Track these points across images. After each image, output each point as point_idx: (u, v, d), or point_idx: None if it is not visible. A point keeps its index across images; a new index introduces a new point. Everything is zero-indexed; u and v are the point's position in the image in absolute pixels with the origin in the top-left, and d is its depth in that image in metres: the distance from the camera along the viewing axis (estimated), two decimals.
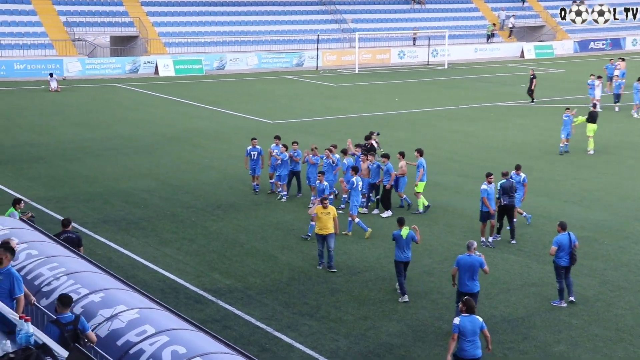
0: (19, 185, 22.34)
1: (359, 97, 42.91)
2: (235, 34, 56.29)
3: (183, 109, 37.44)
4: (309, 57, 56.66)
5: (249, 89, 44.91)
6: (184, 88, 44.69)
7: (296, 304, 14.77)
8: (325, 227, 16.30)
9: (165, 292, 15.01)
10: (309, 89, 46.25)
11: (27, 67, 46.50)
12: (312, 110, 37.93)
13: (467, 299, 11.53)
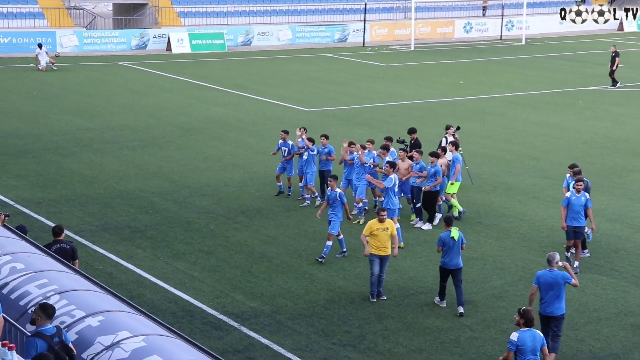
0: (1, 185, 22.76)
1: (414, 80, 42.81)
2: (265, 2, 56.57)
3: (201, 93, 37.77)
4: (354, 31, 56.68)
5: (281, 70, 45.12)
6: (202, 68, 45.08)
7: (336, 332, 14.79)
8: (384, 246, 15.97)
9: (177, 315, 15.16)
10: (353, 69, 46.29)
11: (12, 41, 47.37)
12: (356, 96, 37.95)
13: (525, 309, 11.75)
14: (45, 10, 49.73)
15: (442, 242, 15.60)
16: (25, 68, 42.96)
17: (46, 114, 32.16)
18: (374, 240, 16.02)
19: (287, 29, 55.15)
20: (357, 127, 30.85)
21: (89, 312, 10.04)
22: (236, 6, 55.42)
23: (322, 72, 44.86)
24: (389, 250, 16.07)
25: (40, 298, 10.42)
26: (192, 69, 44.53)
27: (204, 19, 54.06)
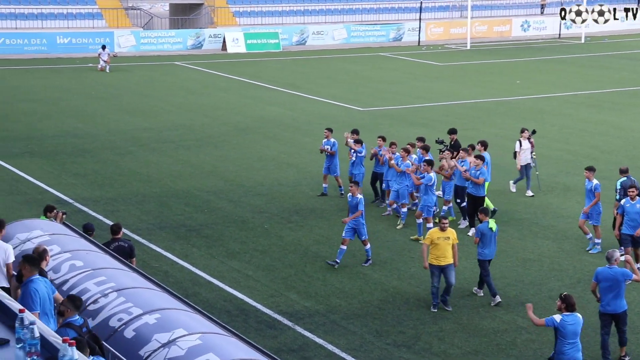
0: (61, 183, 23.14)
1: (470, 79, 42.49)
2: (320, 2, 56.64)
3: (255, 92, 37.97)
4: (409, 30, 56.46)
5: (336, 69, 45.14)
6: (257, 67, 45.32)
7: (390, 333, 14.75)
8: (444, 255, 15.53)
9: (232, 314, 15.26)
10: (408, 68, 46.11)
11: (71, 42, 48.13)
12: (411, 95, 37.80)
13: (566, 294, 12.16)
14: (104, 11, 50.47)
15: (480, 233, 15.79)
16: (83, 68, 43.64)
17: (104, 114, 32.62)
18: (434, 250, 15.51)
19: (342, 28, 55.14)
20: (411, 127, 30.71)
21: (146, 309, 10.16)
22: (291, 5, 55.59)
23: (377, 71, 44.77)
24: (449, 259, 15.55)
25: (98, 295, 10.58)
26: (247, 68, 44.80)
27: (259, 18, 54.34)
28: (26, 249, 12.33)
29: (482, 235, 15.84)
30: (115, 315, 10.12)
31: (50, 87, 37.93)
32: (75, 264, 11.61)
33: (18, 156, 25.79)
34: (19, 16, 48.06)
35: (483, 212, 16.18)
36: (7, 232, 12.48)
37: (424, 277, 17.28)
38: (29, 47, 46.91)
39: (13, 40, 46.81)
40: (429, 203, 19.10)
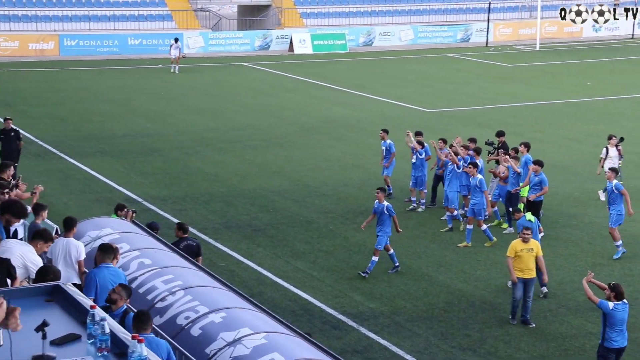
0: (130, 182, 23.52)
1: (539, 81, 41.92)
2: (387, 3, 56.50)
3: (321, 93, 38.06)
4: (477, 31, 55.96)
5: (402, 70, 44.98)
6: (324, 68, 45.41)
7: (455, 336, 14.65)
8: (528, 268, 14.93)
9: (296, 314, 15.33)
10: (476, 69, 45.70)
11: (142, 43, 48.87)
12: (479, 96, 37.46)
13: (615, 284, 12.64)
14: (174, 13, 51.15)
15: (522, 227, 15.68)
16: (153, 69, 44.29)
17: (172, 114, 33.05)
18: (518, 262, 14.94)
19: (409, 29, 54.93)
20: (477, 128, 30.42)
21: (212, 308, 10.27)
22: (358, 6, 55.57)
23: (444, 72, 44.48)
24: (534, 273, 14.99)
25: (166, 293, 10.73)
26: (313, 69, 44.93)
27: (326, 19, 54.42)
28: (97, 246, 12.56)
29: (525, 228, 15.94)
30: (182, 313, 10.25)
31: (121, 87, 38.59)
32: (144, 261, 11.80)
33: (90, 155, 26.30)
34: (92, 18, 49.02)
35: (516, 211, 16.90)
36: (78, 230, 12.74)
37: (490, 279, 17.12)
38: (102, 49, 47.82)
39: (86, 41, 47.76)
40: (479, 204, 18.77)
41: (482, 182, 18.88)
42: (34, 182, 20.40)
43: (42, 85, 38.55)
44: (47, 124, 30.57)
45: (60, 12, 48.47)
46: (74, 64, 44.69)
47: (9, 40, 46.17)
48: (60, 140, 28.01)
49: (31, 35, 46.74)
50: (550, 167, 23.22)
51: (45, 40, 46.77)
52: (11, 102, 34.03)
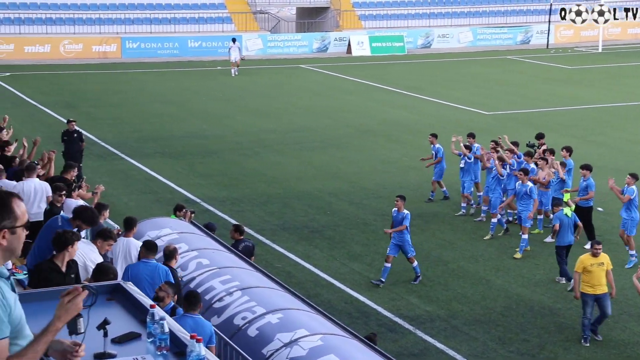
0: (189, 183, 23.77)
1: (601, 83, 41.28)
2: (446, 4, 56.20)
3: (379, 95, 38.01)
4: (537, 33, 55.37)
5: (461, 72, 44.69)
6: (382, 70, 45.34)
7: (513, 341, 14.50)
8: (599, 283, 14.36)
9: (352, 316, 15.33)
10: (536, 72, 45.19)
11: (201, 45, 49.38)
12: (538, 99, 37.04)
13: None
14: (233, 15, 51.56)
15: (559, 220, 16.62)
16: (212, 71, 44.71)
17: (230, 115, 33.32)
18: (588, 278, 14.35)
19: (468, 30, 54.55)
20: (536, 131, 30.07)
21: (269, 309, 10.33)
22: (417, 8, 55.37)
23: (503, 74, 44.06)
24: (605, 288, 14.39)
25: (223, 294, 10.83)
26: (371, 71, 44.89)
27: (384, 21, 54.34)
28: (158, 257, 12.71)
29: (561, 222, 16.64)
30: (240, 313, 10.34)
31: (180, 89, 39.03)
32: (202, 262, 11.92)
33: (150, 156, 26.65)
34: (154, 21, 49.68)
35: (555, 205, 17.42)
36: (138, 230, 12.93)
37: (550, 284, 16.92)
38: (162, 51, 48.44)
39: (147, 44, 48.43)
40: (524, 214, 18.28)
41: (532, 190, 18.48)
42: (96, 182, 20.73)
43: (104, 87, 39.19)
44: (109, 125, 31.07)
45: (123, 15, 49.23)
46: (135, 66, 45.35)
47: (73, 42, 47.04)
48: (122, 141, 28.44)
49: (94, 38, 47.57)
50: (612, 171, 22.91)
51: (108, 43, 47.55)
52: (75, 104, 34.67)
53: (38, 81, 40.09)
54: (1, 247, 4.33)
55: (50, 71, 42.97)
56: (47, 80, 40.39)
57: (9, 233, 4.33)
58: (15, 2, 47.77)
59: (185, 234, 13.29)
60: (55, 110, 33.07)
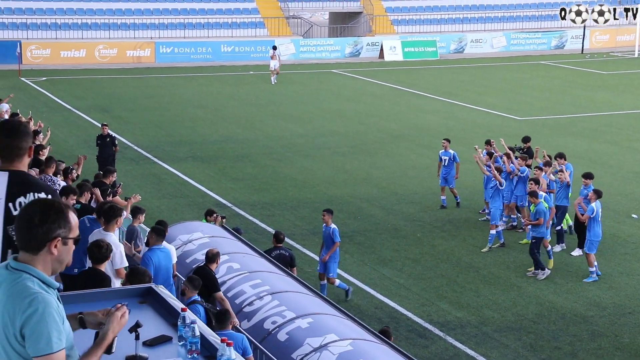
0: (221, 187, 23.91)
1: (637, 89, 40.92)
2: (479, 9, 56.00)
3: (411, 100, 37.96)
4: (572, 37, 55.00)
5: (494, 78, 44.50)
6: (414, 75, 45.28)
7: (545, 348, 14.43)
8: None
9: (382, 321, 15.33)
10: (570, 77, 44.87)
11: (234, 50, 49.64)
12: (572, 105, 36.78)
13: None
14: (266, 20, 51.78)
15: (543, 214, 17.12)
16: (244, 76, 44.90)
17: (262, 120, 33.46)
18: None
19: (502, 35, 54.30)
20: (570, 137, 29.90)
21: (299, 313, 10.38)
22: (450, 13, 55.23)
23: (537, 80, 43.81)
24: None
25: (253, 298, 10.91)
26: (403, 76, 44.85)
27: (417, 26, 54.26)
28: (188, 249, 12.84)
29: (544, 215, 17.17)
30: (270, 317, 10.40)
31: (213, 94, 39.26)
32: (232, 266, 12.01)
33: (183, 160, 26.85)
34: (187, 26, 50.04)
35: (532, 195, 17.36)
36: (170, 234, 13.05)
37: (582, 292, 16.81)
38: (195, 56, 48.78)
39: (181, 49, 48.80)
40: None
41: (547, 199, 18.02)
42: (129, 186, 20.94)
43: (138, 91, 39.54)
44: (142, 129, 31.34)
45: (157, 20, 49.64)
46: (168, 70, 45.70)
47: (108, 47, 47.53)
48: (154, 145, 28.67)
49: (129, 43, 48.01)
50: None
51: (142, 48, 47.98)
52: (109, 108, 35.02)
53: (73, 86, 40.55)
54: (52, 257, 4.31)
55: (86, 76, 43.44)
56: (82, 85, 40.84)
57: (61, 243, 4.32)
58: (52, 8, 48.37)
59: (216, 238, 13.39)
60: (89, 114, 33.43)
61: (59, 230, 4.29)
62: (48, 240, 4.27)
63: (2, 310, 4.20)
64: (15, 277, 4.25)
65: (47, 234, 4.26)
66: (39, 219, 4.25)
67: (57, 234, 4.28)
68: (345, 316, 10.91)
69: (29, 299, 4.17)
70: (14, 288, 4.21)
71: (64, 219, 4.31)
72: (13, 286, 4.22)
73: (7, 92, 27.97)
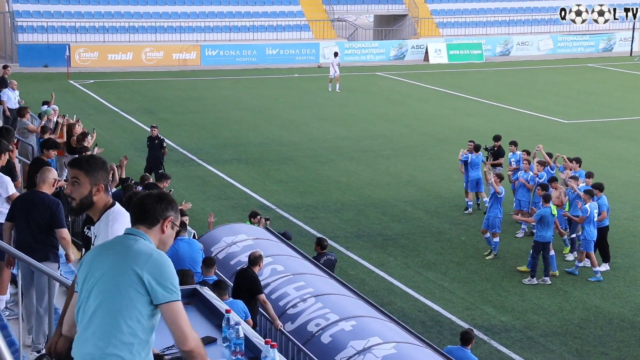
0: (265, 189, 23.99)
1: None
2: (526, 12, 55.53)
3: (456, 103, 37.75)
4: (621, 40, 54.29)
5: (540, 80, 44.07)
6: (459, 78, 45.02)
7: (591, 354, 14.24)
8: None
9: (426, 325, 15.26)
10: (618, 80, 44.27)
11: (279, 53, 49.79)
12: (620, 108, 36.28)
13: None
14: (311, 23, 51.86)
15: (540, 216, 16.84)
16: (289, 78, 45.00)
17: (307, 122, 33.51)
18: None
19: (548, 38, 53.77)
20: (618, 141, 29.49)
21: (342, 316, 10.37)
22: (495, 16, 54.82)
23: (584, 82, 43.30)
24: None
25: (297, 300, 10.92)
26: (448, 79, 44.62)
27: (463, 29, 53.95)
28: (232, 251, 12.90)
29: (542, 218, 16.86)
30: (313, 320, 10.40)
31: (258, 96, 39.41)
32: (276, 268, 12.03)
33: (227, 162, 26.99)
34: (233, 29, 50.33)
35: (544, 199, 17.12)
36: (214, 236, 13.14)
37: (630, 297, 16.57)
38: (241, 58, 49.02)
39: (227, 51, 49.08)
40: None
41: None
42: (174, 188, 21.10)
43: (183, 94, 39.84)
44: (187, 131, 31.57)
45: (203, 23, 50.00)
46: (214, 73, 45.99)
47: (154, 50, 47.98)
48: (199, 147, 28.87)
49: (175, 46, 48.43)
50: None
51: (188, 51, 48.36)
52: (154, 110, 35.34)
53: (120, 88, 41.01)
54: (161, 236, 4.85)
55: (132, 78, 43.90)
56: (128, 88, 41.28)
57: (170, 225, 4.87)
58: (100, 11, 48.98)
59: (261, 240, 13.43)
60: (136, 116, 33.77)
61: (171, 212, 4.88)
62: (163, 217, 4.84)
63: (124, 262, 4.63)
64: (132, 238, 4.76)
65: (164, 211, 4.85)
66: (157, 198, 4.89)
67: (169, 215, 4.87)
68: (388, 319, 10.87)
69: (152, 252, 4.68)
70: (136, 245, 4.70)
71: (176, 207, 4.95)
72: (135, 243, 4.71)
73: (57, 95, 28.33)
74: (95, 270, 4.68)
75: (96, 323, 4.57)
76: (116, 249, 4.70)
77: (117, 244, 4.76)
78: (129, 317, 4.54)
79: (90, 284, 4.68)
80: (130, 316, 4.54)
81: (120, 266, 4.61)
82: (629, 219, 21.36)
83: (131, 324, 4.54)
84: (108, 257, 4.68)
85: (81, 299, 4.72)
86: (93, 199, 5.44)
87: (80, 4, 48.90)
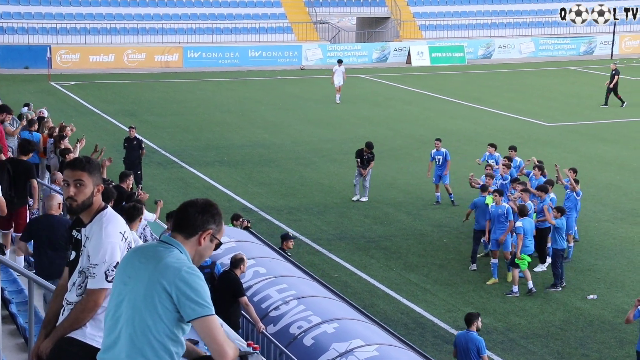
0: (247, 192, 23.98)
1: None
2: (507, 14, 55.80)
3: (438, 106, 37.87)
4: (601, 43, 54.65)
5: (522, 83, 44.29)
6: (441, 80, 45.17)
7: (572, 355, 14.33)
8: None
9: (408, 327, 15.30)
10: (599, 82, 44.50)
11: (262, 55, 49.78)
12: (602, 110, 36.52)
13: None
14: (294, 25, 51.88)
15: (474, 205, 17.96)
16: (272, 81, 44.98)
17: (290, 124, 33.51)
18: None
19: (530, 41, 54.05)
20: (600, 143, 29.68)
21: (324, 318, 10.39)
22: (477, 19, 55.06)
23: (565, 85, 43.55)
24: None
25: (279, 302, 10.92)
26: (431, 81, 44.75)
27: (445, 31, 54.14)
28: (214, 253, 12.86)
29: (476, 207, 18.05)
30: (296, 322, 10.41)
31: (240, 98, 39.38)
32: (259, 270, 12.03)
33: (210, 165, 26.95)
34: (215, 31, 50.26)
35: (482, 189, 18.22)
36: None
37: (610, 299, 16.67)
38: (223, 60, 48.96)
39: (209, 53, 49.01)
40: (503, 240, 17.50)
41: (509, 211, 17.51)
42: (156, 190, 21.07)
43: (165, 95, 39.75)
44: (170, 133, 31.50)
45: (185, 25, 49.92)
46: (196, 75, 45.91)
47: (136, 52, 47.85)
48: (182, 150, 28.81)
49: (157, 48, 48.31)
50: None
51: (170, 53, 48.26)
52: (136, 112, 35.24)
53: (102, 90, 40.86)
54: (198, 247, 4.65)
55: (114, 80, 43.75)
56: (110, 89, 41.14)
57: (209, 238, 4.67)
58: (82, 13, 48.79)
59: (243, 242, 13.43)
60: (117, 118, 33.65)
61: (213, 225, 4.67)
62: (202, 229, 4.63)
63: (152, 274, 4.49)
64: (166, 247, 4.59)
65: (204, 223, 4.63)
66: (201, 209, 4.65)
67: (210, 227, 4.65)
68: (371, 321, 10.90)
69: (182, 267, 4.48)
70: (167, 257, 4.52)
71: (220, 219, 4.72)
72: (167, 255, 4.54)
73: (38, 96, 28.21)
74: (128, 278, 4.61)
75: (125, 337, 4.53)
76: (148, 259, 4.59)
77: (151, 251, 4.63)
78: (157, 332, 4.48)
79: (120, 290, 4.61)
80: (158, 330, 4.48)
81: (150, 279, 4.52)
82: (610, 221, 21.50)
83: (160, 338, 4.48)
84: (141, 265, 4.58)
85: (111, 304, 4.65)
86: (93, 200, 5.39)
87: (62, 6, 48.70)
